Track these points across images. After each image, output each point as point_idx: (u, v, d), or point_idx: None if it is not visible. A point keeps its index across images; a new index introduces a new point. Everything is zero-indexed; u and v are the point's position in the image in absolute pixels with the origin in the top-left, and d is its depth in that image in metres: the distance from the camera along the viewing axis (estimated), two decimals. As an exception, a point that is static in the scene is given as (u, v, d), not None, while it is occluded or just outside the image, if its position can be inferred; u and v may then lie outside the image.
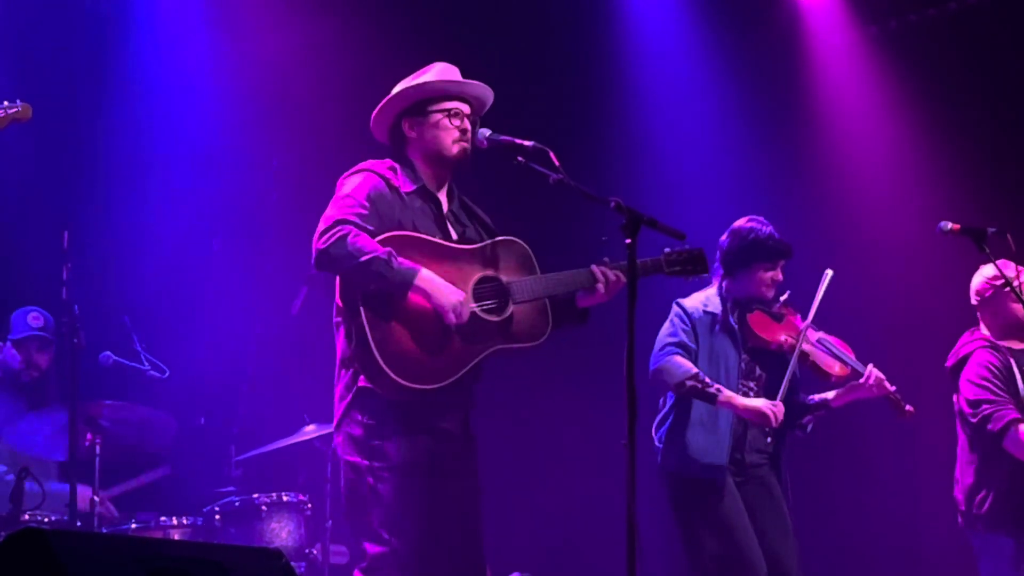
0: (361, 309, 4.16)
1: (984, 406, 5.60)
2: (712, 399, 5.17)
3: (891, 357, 6.15)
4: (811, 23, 8.20)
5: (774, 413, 5.16)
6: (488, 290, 4.33)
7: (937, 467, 6.27)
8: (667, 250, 4.61)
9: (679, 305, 5.41)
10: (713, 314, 5.40)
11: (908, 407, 5.45)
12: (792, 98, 8.19)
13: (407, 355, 4.17)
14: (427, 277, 4.19)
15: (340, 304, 4.29)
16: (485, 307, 4.31)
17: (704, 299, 5.45)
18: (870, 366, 5.42)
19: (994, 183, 7.46)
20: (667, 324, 5.40)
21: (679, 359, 5.26)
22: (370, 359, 4.15)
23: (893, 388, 5.43)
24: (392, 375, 4.13)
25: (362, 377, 4.25)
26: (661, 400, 5.49)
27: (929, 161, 7.76)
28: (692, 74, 8.23)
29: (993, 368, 5.65)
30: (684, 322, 5.37)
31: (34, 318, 6.33)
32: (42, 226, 6.26)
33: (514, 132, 4.42)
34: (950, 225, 5.32)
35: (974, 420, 5.63)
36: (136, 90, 7.31)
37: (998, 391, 5.60)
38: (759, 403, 5.19)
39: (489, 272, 4.37)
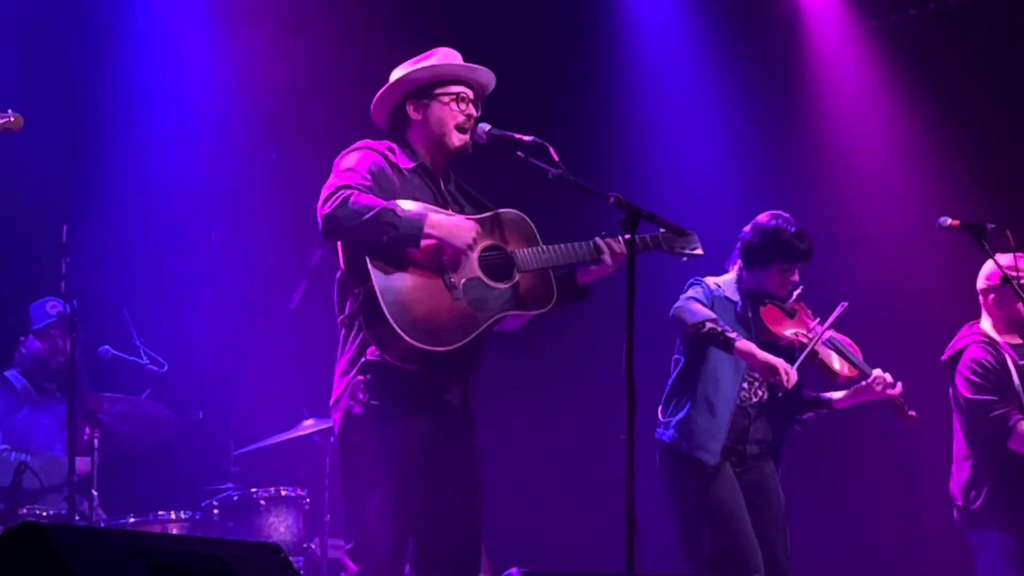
0: (371, 272, 4.13)
1: (982, 406, 5.61)
2: (729, 344, 5.07)
3: (889, 352, 6.14)
4: (811, 17, 8.19)
5: (787, 373, 5.06)
6: (493, 258, 4.33)
7: (935, 461, 6.28)
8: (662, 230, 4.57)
9: (700, 280, 5.37)
10: (732, 301, 5.38)
11: (911, 412, 5.42)
12: (792, 93, 8.18)
13: (418, 317, 4.14)
14: (436, 221, 4.18)
15: (347, 272, 4.25)
16: (490, 275, 4.30)
17: (723, 283, 5.43)
18: (877, 370, 5.40)
19: (994, 178, 7.46)
20: (687, 291, 5.33)
21: (699, 305, 5.20)
22: (381, 321, 4.10)
23: (898, 392, 5.41)
24: (404, 336, 4.09)
25: (370, 350, 4.22)
26: (671, 379, 5.48)
27: (929, 156, 7.75)
28: (691, 69, 8.23)
29: (987, 363, 5.65)
30: (706, 294, 5.34)
31: (52, 305, 6.36)
32: (41, 220, 6.25)
33: (514, 127, 4.42)
34: (949, 221, 5.31)
35: (973, 418, 5.64)
36: (134, 84, 7.30)
37: (994, 389, 5.61)
38: (777, 360, 5.09)
39: (494, 241, 4.37)
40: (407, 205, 4.21)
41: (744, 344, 5.11)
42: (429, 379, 4.27)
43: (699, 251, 4.63)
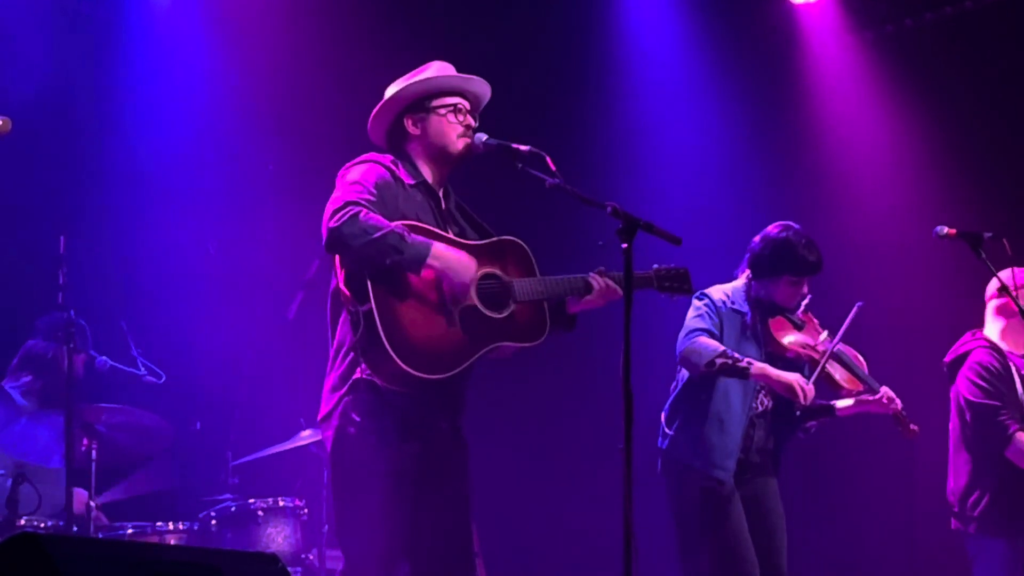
0: (371, 295, 4.12)
1: (985, 410, 5.61)
2: (745, 372, 5.10)
3: (887, 360, 6.15)
4: (808, 28, 8.21)
5: (803, 390, 5.10)
6: (490, 287, 4.33)
7: (933, 469, 6.27)
8: (656, 266, 4.62)
9: (706, 295, 5.37)
10: (740, 312, 5.38)
11: (913, 426, 5.42)
12: (788, 103, 8.20)
13: (413, 342, 4.15)
14: (440, 253, 4.17)
15: (345, 291, 4.23)
16: (487, 303, 4.30)
17: (730, 293, 5.42)
18: (884, 387, 5.39)
19: (991, 187, 7.47)
20: (692, 311, 5.33)
21: (705, 339, 5.20)
22: (377, 344, 4.10)
23: (901, 407, 5.41)
24: (398, 361, 4.09)
25: (360, 368, 4.21)
26: (672, 387, 5.46)
27: (926, 165, 7.77)
28: (689, 80, 8.25)
29: (993, 369, 5.66)
30: (712, 312, 5.32)
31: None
32: (39, 231, 6.25)
33: (511, 136, 4.42)
34: (946, 230, 5.32)
35: (974, 421, 5.64)
36: (131, 94, 7.30)
37: (998, 395, 5.61)
38: (792, 377, 5.13)
39: (492, 269, 4.37)
40: (416, 230, 4.21)
41: (758, 368, 5.13)
42: (418, 403, 4.27)
43: (689, 290, 4.68)
